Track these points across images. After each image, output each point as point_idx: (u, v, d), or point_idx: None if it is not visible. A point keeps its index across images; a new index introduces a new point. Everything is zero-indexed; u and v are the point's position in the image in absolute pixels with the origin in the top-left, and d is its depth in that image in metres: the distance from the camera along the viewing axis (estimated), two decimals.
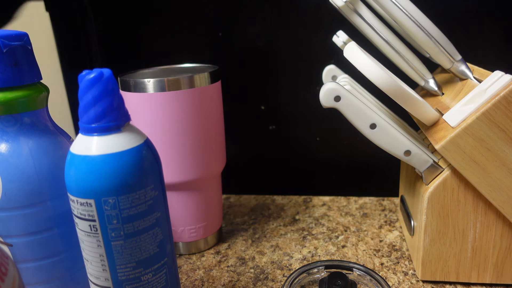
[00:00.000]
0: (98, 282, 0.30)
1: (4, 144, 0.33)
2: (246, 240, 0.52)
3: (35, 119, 0.34)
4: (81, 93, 0.27)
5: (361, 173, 0.63)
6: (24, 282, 0.32)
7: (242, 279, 0.44)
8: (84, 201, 0.28)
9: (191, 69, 0.48)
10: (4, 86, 0.32)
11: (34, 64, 0.34)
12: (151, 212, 0.30)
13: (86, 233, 0.29)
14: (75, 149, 0.28)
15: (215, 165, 0.48)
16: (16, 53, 0.32)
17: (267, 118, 0.63)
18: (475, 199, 0.38)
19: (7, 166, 0.32)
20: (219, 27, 0.60)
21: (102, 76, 0.27)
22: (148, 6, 0.60)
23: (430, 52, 0.40)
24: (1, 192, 0.32)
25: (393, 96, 0.36)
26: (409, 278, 0.43)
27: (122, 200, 0.28)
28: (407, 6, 0.38)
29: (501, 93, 0.34)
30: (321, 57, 0.57)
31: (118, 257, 0.29)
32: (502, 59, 0.54)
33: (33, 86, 0.34)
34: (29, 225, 0.33)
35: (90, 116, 0.27)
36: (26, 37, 0.33)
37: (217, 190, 0.51)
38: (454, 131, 0.36)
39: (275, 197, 0.64)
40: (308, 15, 0.57)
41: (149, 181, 0.29)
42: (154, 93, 0.42)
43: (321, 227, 0.54)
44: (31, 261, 0.34)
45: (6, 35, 0.31)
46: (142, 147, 0.29)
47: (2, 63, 0.31)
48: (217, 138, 0.48)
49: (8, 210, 0.33)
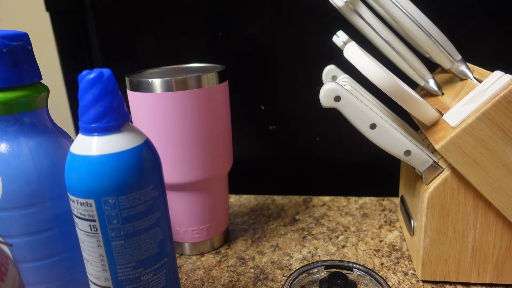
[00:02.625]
0: (98, 282, 0.30)
1: (4, 144, 0.33)
2: (246, 240, 0.52)
3: (35, 119, 0.34)
4: (81, 93, 0.27)
5: (361, 173, 0.63)
6: (24, 282, 0.32)
7: (242, 279, 0.44)
8: (84, 201, 0.28)
9: (199, 68, 0.48)
10: (4, 86, 0.32)
11: (34, 64, 0.34)
12: (151, 212, 0.30)
13: (86, 233, 0.29)
14: (75, 149, 0.28)
15: (222, 165, 0.48)
16: (16, 53, 0.32)
17: (267, 118, 0.63)
18: (475, 199, 0.38)
19: (7, 166, 0.32)
20: (219, 27, 0.60)
21: (102, 76, 0.27)
22: (148, 6, 0.60)
23: (430, 52, 0.40)
24: (1, 192, 0.32)
25: (393, 96, 0.36)
26: (409, 278, 0.43)
27: (122, 200, 0.28)
28: (407, 6, 0.38)
29: (501, 93, 0.34)
30: (321, 57, 0.57)
31: (118, 257, 0.29)
32: (502, 59, 0.54)
33: (33, 86, 0.34)
34: (29, 225, 0.33)
35: (90, 116, 0.27)
36: (26, 37, 0.33)
37: (224, 190, 0.50)
38: (454, 131, 0.36)
39: (275, 197, 0.64)
40: (308, 15, 0.57)
41: (149, 181, 0.29)
42: (161, 93, 0.42)
43: (321, 227, 0.54)
44: (31, 261, 0.34)
45: (6, 35, 0.31)
46: (142, 147, 0.29)
47: (2, 63, 0.31)
48: (225, 138, 0.47)
49: (8, 210, 0.33)
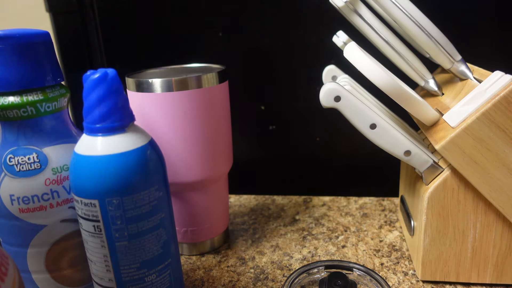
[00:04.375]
0: (102, 283, 0.30)
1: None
2: (246, 240, 0.52)
3: (57, 121, 0.34)
4: (85, 93, 0.27)
5: (361, 173, 0.63)
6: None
7: (242, 279, 0.44)
8: (88, 201, 0.28)
9: (199, 69, 0.48)
10: (27, 88, 0.32)
11: (56, 64, 0.34)
12: (155, 213, 0.30)
13: (90, 234, 0.29)
14: (80, 149, 0.29)
15: (222, 165, 0.48)
16: (38, 54, 0.32)
17: (267, 118, 0.63)
18: (475, 199, 0.38)
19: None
20: (219, 27, 0.60)
21: (106, 76, 0.27)
22: (148, 6, 0.60)
23: (430, 52, 0.41)
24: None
25: (393, 96, 0.36)
26: (409, 278, 0.43)
27: (126, 201, 0.28)
28: (407, 6, 0.38)
29: (501, 93, 0.34)
30: (321, 57, 0.57)
31: (122, 257, 0.29)
32: (502, 59, 0.54)
33: (54, 87, 0.33)
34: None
35: (95, 116, 0.28)
36: (48, 36, 0.33)
37: (224, 190, 0.50)
38: (454, 131, 0.36)
39: (275, 197, 0.64)
40: (308, 15, 0.57)
41: (153, 181, 0.29)
42: (161, 93, 0.42)
43: (321, 227, 0.54)
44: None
45: (28, 34, 0.31)
46: (146, 148, 0.29)
47: (22, 63, 0.31)
48: (225, 138, 0.47)
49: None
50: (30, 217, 0.32)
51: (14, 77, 0.31)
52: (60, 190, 0.33)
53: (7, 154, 0.32)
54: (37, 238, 0.33)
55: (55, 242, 0.34)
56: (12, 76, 0.30)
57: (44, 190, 0.32)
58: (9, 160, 0.32)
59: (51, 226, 0.33)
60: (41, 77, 0.32)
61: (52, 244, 0.34)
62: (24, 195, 0.32)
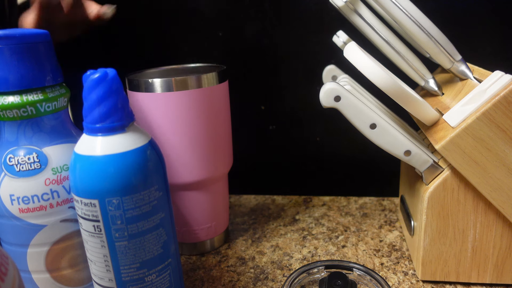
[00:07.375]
0: (101, 283, 0.30)
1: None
2: (246, 240, 0.52)
3: (57, 121, 0.34)
4: (85, 93, 0.27)
5: (361, 173, 0.63)
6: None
7: (242, 279, 0.44)
8: (88, 201, 0.28)
9: (199, 68, 0.48)
10: (27, 88, 0.31)
11: (56, 64, 0.34)
12: (155, 213, 0.30)
13: (90, 234, 0.29)
14: (79, 149, 0.29)
15: (222, 165, 0.48)
16: (38, 54, 0.32)
17: (267, 118, 0.63)
18: (475, 199, 0.38)
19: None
20: (219, 27, 0.60)
21: (106, 76, 0.27)
22: (147, 6, 0.60)
23: (430, 52, 0.41)
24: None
25: (393, 96, 0.36)
26: (409, 278, 0.43)
27: (126, 201, 0.28)
28: (407, 6, 0.38)
29: (501, 93, 0.34)
30: (321, 57, 0.57)
31: (122, 257, 0.29)
32: (502, 59, 0.55)
33: (54, 87, 0.34)
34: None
35: (95, 116, 0.28)
36: (47, 35, 0.33)
37: (224, 190, 0.50)
38: (454, 131, 0.36)
39: (275, 197, 0.64)
40: (308, 15, 0.57)
41: (153, 181, 0.29)
42: (161, 93, 0.42)
43: (321, 227, 0.54)
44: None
45: (27, 34, 0.31)
46: (146, 148, 0.29)
47: (22, 63, 0.31)
48: (225, 138, 0.47)
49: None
50: (30, 217, 0.32)
51: (14, 77, 0.31)
52: (60, 190, 0.33)
53: (7, 154, 0.32)
54: (37, 238, 0.33)
55: (55, 242, 0.34)
56: (12, 76, 0.30)
57: (44, 190, 0.32)
58: (9, 160, 0.32)
59: (51, 226, 0.33)
60: (41, 77, 0.32)
61: (52, 244, 0.34)
62: (24, 195, 0.32)
